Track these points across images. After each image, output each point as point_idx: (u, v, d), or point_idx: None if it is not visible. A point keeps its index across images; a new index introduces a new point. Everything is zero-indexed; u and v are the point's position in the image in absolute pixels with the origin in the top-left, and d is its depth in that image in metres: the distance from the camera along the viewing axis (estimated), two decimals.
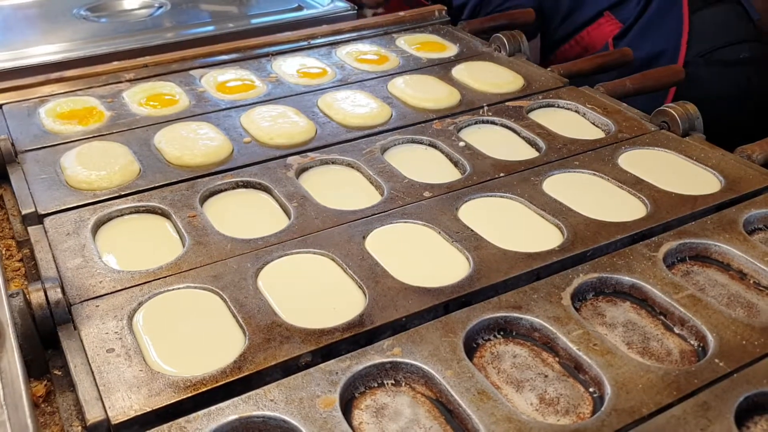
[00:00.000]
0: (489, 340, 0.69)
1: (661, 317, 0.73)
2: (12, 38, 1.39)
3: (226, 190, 0.92)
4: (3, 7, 1.54)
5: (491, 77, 1.18)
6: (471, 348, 0.68)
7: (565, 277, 0.74)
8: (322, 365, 0.64)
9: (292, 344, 0.66)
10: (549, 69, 1.23)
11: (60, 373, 0.67)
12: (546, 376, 0.65)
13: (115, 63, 1.23)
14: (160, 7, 1.54)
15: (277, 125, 1.04)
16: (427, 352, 0.65)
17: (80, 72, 1.20)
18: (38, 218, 0.85)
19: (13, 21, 1.51)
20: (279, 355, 0.65)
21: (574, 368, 0.66)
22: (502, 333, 0.70)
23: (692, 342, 0.69)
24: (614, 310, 0.73)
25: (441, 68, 1.24)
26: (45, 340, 0.68)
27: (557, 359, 0.67)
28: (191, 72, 1.23)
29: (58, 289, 0.69)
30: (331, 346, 0.66)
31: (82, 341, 0.67)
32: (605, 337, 0.68)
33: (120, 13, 1.51)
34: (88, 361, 0.65)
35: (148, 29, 1.42)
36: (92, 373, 0.63)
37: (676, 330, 0.71)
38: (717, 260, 0.80)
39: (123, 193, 0.89)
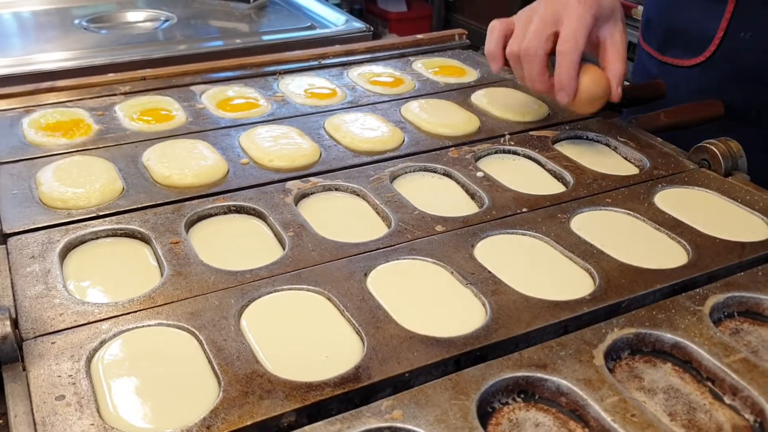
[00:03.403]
0: (507, 404, 0.59)
1: (709, 383, 0.62)
2: (8, 46, 1.32)
3: (216, 214, 0.82)
4: (3, 14, 1.47)
5: (514, 104, 1.09)
6: (485, 413, 0.57)
7: (598, 331, 0.64)
8: (307, 428, 0.53)
9: (273, 400, 0.56)
10: None
11: (1, 421, 0.57)
12: None
13: (110, 75, 1.15)
14: (166, 20, 1.47)
15: (278, 146, 0.95)
16: (433, 417, 0.54)
17: (73, 82, 1.12)
18: (2, 237, 0.76)
19: (11, 29, 1.44)
20: (257, 412, 0.55)
21: None
22: (522, 396, 0.59)
23: (746, 416, 0.59)
24: (654, 372, 0.63)
25: (459, 93, 1.15)
26: None
27: (587, 430, 0.57)
28: (192, 87, 1.15)
29: (7, 322, 0.59)
30: (320, 404, 0.56)
31: (28, 385, 0.57)
32: (645, 406, 0.57)
33: (123, 25, 1.44)
34: (32, 409, 0.55)
35: (151, 42, 1.35)
36: (34, 424, 0.53)
37: (727, 400, 0.60)
38: None
39: (100, 213, 0.80)
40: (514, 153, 0.98)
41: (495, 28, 0.99)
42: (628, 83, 1.41)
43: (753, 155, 0.97)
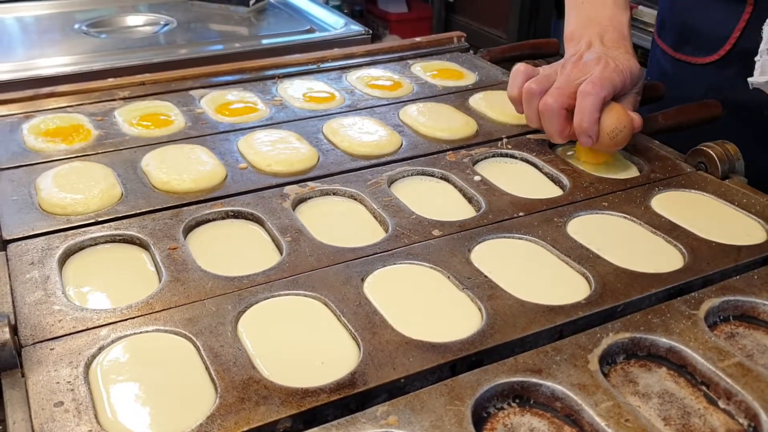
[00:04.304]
0: (502, 408, 0.59)
1: (704, 388, 0.62)
2: (8, 51, 1.33)
3: (214, 220, 0.83)
4: (4, 19, 1.48)
5: (511, 107, 1.09)
6: (480, 418, 0.57)
7: (593, 336, 0.64)
8: None
9: (269, 406, 0.56)
10: None
11: (0, 428, 0.58)
12: None
13: (110, 80, 1.15)
14: (166, 24, 1.48)
15: (276, 151, 0.95)
16: (428, 423, 0.55)
17: (72, 88, 1.13)
18: (2, 244, 0.76)
19: (12, 34, 1.45)
20: (253, 419, 0.55)
21: None
22: (517, 401, 0.60)
23: (740, 420, 0.59)
24: (648, 376, 0.63)
25: (457, 97, 1.16)
26: None
27: None
28: (191, 92, 1.16)
29: (6, 329, 0.60)
30: (316, 410, 0.56)
31: (27, 392, 0.57)
32: (639, 411, 0.58)
33: (123, 30, 1.45)
34: (30, 416, 0.55)
35: (150, 46, 1.35)
36: (33, 431, 0.54)
37: (721, 404, 0.61)
38: (766, 321, 0.70)
39: (99, 219, 0.80)
40: (512, 156, 0.98)
41: (520, 72, 0.97)
42: None
43: (761, 154, 0.97)
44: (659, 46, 1.27)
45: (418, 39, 1.37)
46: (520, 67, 0.98)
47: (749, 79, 0.97)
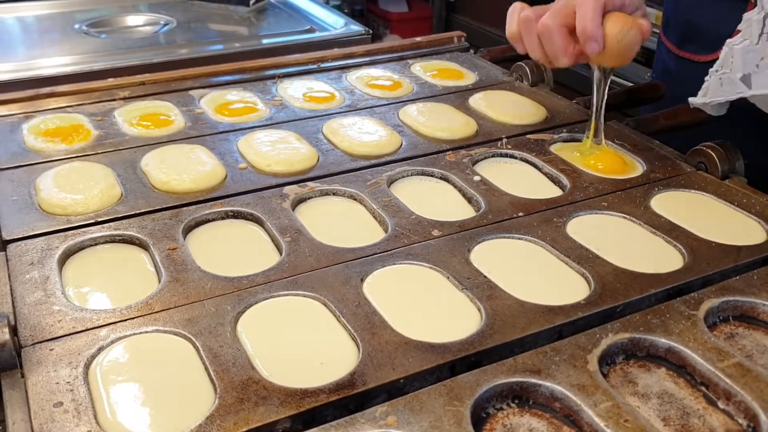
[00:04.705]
0: (501, 409, 0.59)
1: (703, 388, 0.62)
2: (8, 51, 1.33)
3: (213, 220, 0.83)
4: (4, 19, 1.48)
5: (511, 107, 1.10)
6: (480, 418, 0.57)
7: (592, 336, 0.64)
8: None
9: (268, 407, 0.56)
10: (574, 101, 1.14)
11: (0, 427, 0.58)
12: None
13: (110, 80, 1.15)
14: (166, 24, 1.48)
15: (276, 151, 0.95)
16: (427, 423, 0.55)
17: (72, 88, 1.13)
18: (2, 244, 0.76)
19: (12, 34, 1.45)
20: (252, 419, 0.55)
21: None
22: (517, 401, 0.60)
23: (740, 420, 0.59)
24: (648, 377, 0.63)
25: (457, 96, 1.16)
26: None
27: None
28: (191, 92, 1.16)
29: (6, 329, 0.60)
30: (315, 410, 0.56)
31: (27, 392, 0.58)
32: (638, 411, 0.58)
33: (123, 30, 1.45)
34: (30, 416, 0.55)
35: (150, 46, 1.35)
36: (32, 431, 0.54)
37: (721, 405, 0.61)
38: (765, 321, 0.70)
39: (99, 219, 0.80)
40: (511, 156, 0.98)
41: (515, 9, 0.95)
42: (632, 84, 1.42)
43: (761, 154, 0.97)
44: (664, 44, 1.27)
45: (418, 39, 1.37)
46: (516, 5, 0.96)
47: (690, 99, 0.96)
